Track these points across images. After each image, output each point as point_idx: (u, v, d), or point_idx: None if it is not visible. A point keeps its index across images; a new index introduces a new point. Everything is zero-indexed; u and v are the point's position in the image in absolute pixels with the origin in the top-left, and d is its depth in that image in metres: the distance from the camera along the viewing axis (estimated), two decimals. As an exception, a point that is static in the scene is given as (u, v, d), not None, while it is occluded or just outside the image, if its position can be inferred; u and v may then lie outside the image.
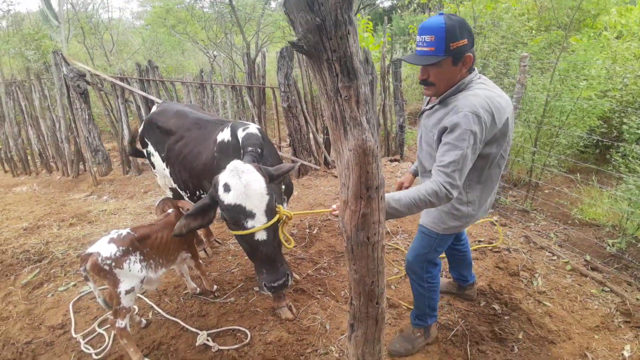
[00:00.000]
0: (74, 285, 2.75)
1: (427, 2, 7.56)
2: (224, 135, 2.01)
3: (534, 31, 5.47)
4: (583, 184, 3.82)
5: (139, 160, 5.43)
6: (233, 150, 1.92)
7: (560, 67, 3.72)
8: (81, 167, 5.43)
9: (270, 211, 1.50)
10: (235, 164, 1.52)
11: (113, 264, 1.83)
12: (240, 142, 1.87)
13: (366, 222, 1.12)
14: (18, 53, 8.03)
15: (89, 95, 4.99)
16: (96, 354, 2.05)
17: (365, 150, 1.01)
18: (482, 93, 1.38)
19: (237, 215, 1.47)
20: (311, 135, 4.84)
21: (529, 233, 3.18)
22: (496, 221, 2.98)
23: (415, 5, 8.92)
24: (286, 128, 4.72)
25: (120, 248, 1.88)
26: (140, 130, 2.57)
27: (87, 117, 4.92)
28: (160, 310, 2.36)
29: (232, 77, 7.96)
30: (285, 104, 4.39)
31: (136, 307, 2.41)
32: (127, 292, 1.88)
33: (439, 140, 1.42)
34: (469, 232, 3.28)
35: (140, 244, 1.96)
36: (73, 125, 5.13)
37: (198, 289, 2.52)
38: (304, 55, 0.95)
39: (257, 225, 1.47)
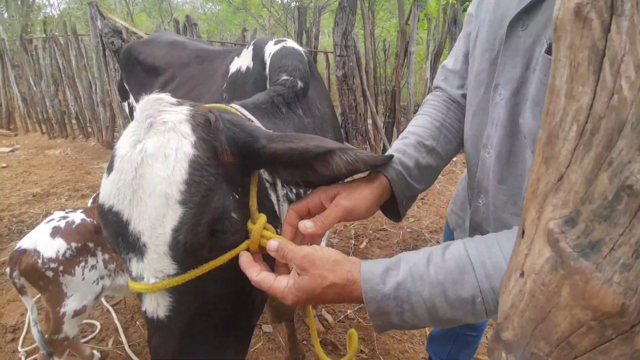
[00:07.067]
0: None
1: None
2: (241, 61, 1.20)
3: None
4: None
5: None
6: (254, 83, 1.07)
7: None
8: (117, 134, 5.05)
9: (191, 249, 0.52)
10: (150, 98, 0.59)
11: (60, 268, 1.23)
12: (268, 65, 1.02)
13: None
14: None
15: (124, 54, 4.51)
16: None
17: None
18: None
19: (112, 238, 0.58)
20: (369, 116, 3.87)
21: None
22: None
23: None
24: (339, 105, 3.80)
25: (72, 244, 1.28)
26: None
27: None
28: (124, 340, 1.60)
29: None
30: (340, 72, 3.45)
31: (98, 325, 1.70)
32: (75, 314, 1.25)
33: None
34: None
35: (101, 236, 1.27)
36: (108, 88, 4.71)
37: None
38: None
39: (144, 278, 0.53)
